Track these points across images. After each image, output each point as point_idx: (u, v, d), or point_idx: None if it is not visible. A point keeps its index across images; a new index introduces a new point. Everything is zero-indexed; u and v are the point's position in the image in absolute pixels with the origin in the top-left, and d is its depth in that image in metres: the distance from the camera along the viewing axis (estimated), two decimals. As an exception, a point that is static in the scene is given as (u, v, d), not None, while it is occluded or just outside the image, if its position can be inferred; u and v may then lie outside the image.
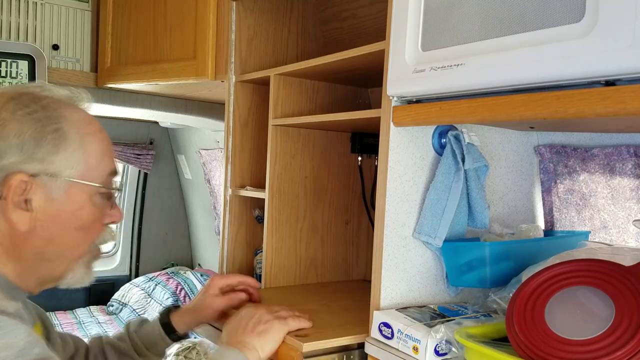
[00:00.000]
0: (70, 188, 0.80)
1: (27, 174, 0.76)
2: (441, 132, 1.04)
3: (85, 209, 0.82)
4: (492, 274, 0.99)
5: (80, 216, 0.82)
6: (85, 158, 0.81)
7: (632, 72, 0.64)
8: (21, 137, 0.76)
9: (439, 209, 1.00)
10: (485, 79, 0.79)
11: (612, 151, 1.08)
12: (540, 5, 0.72)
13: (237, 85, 1.53)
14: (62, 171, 0.79)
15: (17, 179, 0.76)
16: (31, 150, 0.76)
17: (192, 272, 3.35)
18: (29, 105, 0.78)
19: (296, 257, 1.46)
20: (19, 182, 0.76)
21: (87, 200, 0.82)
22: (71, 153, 0.79)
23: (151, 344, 1.10)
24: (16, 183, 0.76)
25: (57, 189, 0.79)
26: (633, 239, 1.10)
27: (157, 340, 1.10)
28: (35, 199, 0.77)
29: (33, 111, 0.78)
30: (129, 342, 1.11)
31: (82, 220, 0.82)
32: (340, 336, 1.01)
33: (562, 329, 0.73)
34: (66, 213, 0.81)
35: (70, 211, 0.81)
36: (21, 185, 0.76)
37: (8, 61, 1.77)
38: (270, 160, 1.40)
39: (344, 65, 1.24)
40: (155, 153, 3.33)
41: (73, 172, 0.80)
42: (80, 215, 0.82)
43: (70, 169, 0.79)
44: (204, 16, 1.58)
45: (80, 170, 0.80)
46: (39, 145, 0.77)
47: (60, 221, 0.80)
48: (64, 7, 1.91)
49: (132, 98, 2.06)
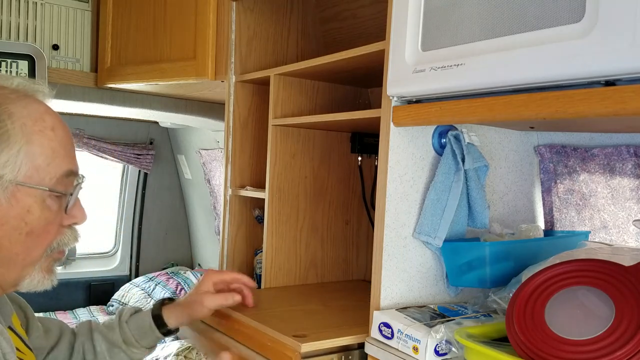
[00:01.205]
0: (16, 192, 0.73)
1: None
2: (441, 132, 1.04)
3: (34, 213, 0.75)
4: (492, 274, 0.99)
5: (29, 221, 0.75)
6: (31, 159, 0.74)
7: (632, 72, 0.64)
8: None
9: (439, 209, 1.00)
10: (485, 79, 0.79)
11: (612, 151, 1.08)
12: (540, 5, 0.72)
13: (237, 85, 1.53)
14: (5, 174, 0.72)
15: None
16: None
17: (192, 272, 3.35)
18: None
19: (296, 257, 1.46)
20: None
21: (35, 203, 0.75)
22: (15, 154, 0.72)
23: (141, 335, 1.07)
24: None
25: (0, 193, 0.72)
26: (633, 239, 1.10)
27: (147, 332, 1.08)
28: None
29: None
30: (118, 331, 1.07)
31: (30, 225, 0.76)
32: (340, 336, 1.01)
33: (562, 329, 0.73)
34: (11, 218, 0.74)
35: (17, 216, 0.74)
36: None
37: (8, 61, 1.77)
38: (270, 160, 1.40)
39: (344, 65, 1.24)
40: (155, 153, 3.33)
41: (18, 175, 0.73)
42: (28, 220, 0.75)
43: (14, 172, 0.72)
44: (204, 16, 1.58)
45: (26, 172, 0.73)
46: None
47: (5, 226, 0.74)
48: (64, 7, 1.91)
49: (132, 98, 2.06)
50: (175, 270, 3.44)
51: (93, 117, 2.88)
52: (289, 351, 0.97)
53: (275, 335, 1.01)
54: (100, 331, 1.08)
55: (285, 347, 0.98)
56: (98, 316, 3.25)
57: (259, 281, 1.46)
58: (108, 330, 1.08)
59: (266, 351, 1.03)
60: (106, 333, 1.07)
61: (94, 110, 2.20)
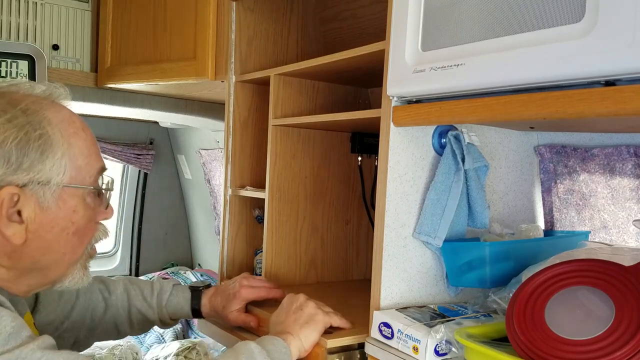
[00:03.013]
0: (62, 194, 0.77)
1: (17, 186, 0.73)
2: (441, 132, 1.04)
3: (79, 212, 0.80)
4: (492, 274, 0.99)
5: (75, 220, 0.80)
6: (73, 161, 0.78)
7: (632, 72, 0.64)
8: (4, 147, 0.71)
9: (439, 209, 1.00)
10: (485, 79, 0.79)
11: (612, 151, 1.08)
12: (540, 5, 0.72)
13: (237, 85, 1.53)
14: (52, 178, 0.75)
15: (6, 192, 0.72)
16: (18, 160, 0.72)
17: (192, 272, 3.35)
18: (6, 111, 0.73)
19: (296, 257, 1.46)
20: (9, 195, 0.73)
21: (79, 202, 0.80)
22: (59, 158, 0.76)
23: (175, 317, 1.15)
24: (6, 197, 0.72)
25: (49, 197, 0.76)
26: (633, 239, 1.10)
27: (181, 317, 1.16)
28: (27, 210, 0.75)
29: (13, 117, 0.73)
30: (157, 313, 1.13)
31: (77, 224, 0.80)
32: (340, 336, 1.01)
33: (562, 329, 0.73)
34: (60, 220, 0.78)
35: (65, 217, 0.78)
36: (12, 198, 0.73)
37: (8, 61, 1.77)
38: (270, 160, 1.40)
39: (344, 65, 1.24)
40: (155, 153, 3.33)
41: (63, 177, 0.77)
42: (74, 220, 0.80)
43: (60, 175, 0.76)
44: (204, 16, 1.58)
45: (70, 173, 0.77)
46: (25, 153, 0.73)
47: (55, 229, 0.78)
48: (64, 7, 1.91)
49: (132, 98, 2.06)
50: (175, 270, 3.44)
51: (93, 117, 2.87)
52: (317, 347, 0.99)
53: None
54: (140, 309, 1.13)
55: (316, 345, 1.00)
56: (98, 316, 3.25)
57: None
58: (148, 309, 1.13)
59: None
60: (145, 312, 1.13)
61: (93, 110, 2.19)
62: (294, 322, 0.97)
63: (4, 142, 0.71)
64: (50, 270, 0.81)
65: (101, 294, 1.10)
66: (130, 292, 1.13)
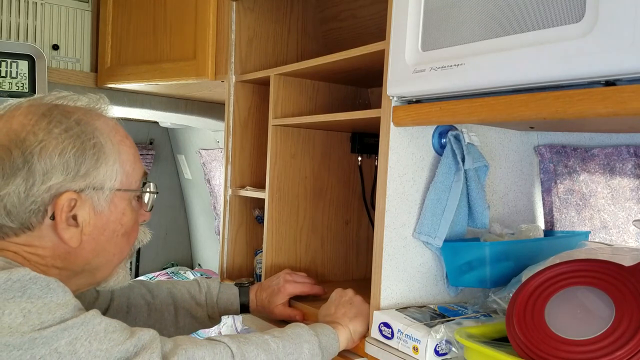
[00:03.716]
0: (113, 198, 0.82)
1: (75, 191, 0.78)
2: (441, 132, 1.04)
3: (127, 214, 0.85)
4: (492, 274, 0.99)
5: (124, 222, 0.85)
6: (123, 167, 0.83)
7: (632, 72, 0.64)
8: (64, 156, 0.76)
9: (439, 209, 1.00)
10: (485, 79, 0.79)
11: (612, 151, 1.08)
12: (540, 5, 0.72)
13: (237, 85, 1.53)
14: (106, 183, 0.81)
15: (66, 198, 0.77)
16: (75, 168, 0.77)
17: (192, 272, 3.35)
18: (62, 122, 0.78)
19: (296, 257, 1.46)
20: (68, 201, 0.77)
21: (127, 206, 0.85)
22: (111, 165, 0.81)
23: (226, 313, 1.21)
24: (65, 202, 0.77)
25: (103, 201, 0.81)
26: (633, 239, 1.10)
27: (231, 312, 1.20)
28: (82, 214, 0.79)
29: (69, 127, 0.78)
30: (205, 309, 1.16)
31: (125, 227, 0.85)
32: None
33: (562, 329, 0.73)
34: (112, 223, 0.83)
35: (115, 220, 0.84)
36: (70, 203, 0.77)
37: (8, 61, 1.77)
38: (270, 160, 1.40)
39: (344, 65, 1.24)
40: (155, 153, 3.33)
41: (115, 183, 0.82)
42: (124, 222, 0.85)
43: (112, 180, 0.81)
44: (204, 16, 1.58)
45: (120, 179, 0.83)
46: (82, 162, 0.78)
47: (107, 231, 0.83)
48: (64, 7, 1.91)
49: (132, 98, 2.06)
50: (175, 270, 3.44)
51: (93, 117, 2.87)
52: None
53: None
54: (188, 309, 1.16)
55: None
56: (98, 316, 3.25)
57: (259, 281, 1.46)
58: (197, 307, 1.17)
59: None
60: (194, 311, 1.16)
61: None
62: (344, 315, 1.02)
63: (64, 152, 0.76)
64: (99, 271, 0.86)
65: (143, 298, 1.13)
66: (175, 294, 1.16)
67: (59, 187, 0.76)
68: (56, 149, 0.76)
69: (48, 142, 0.76)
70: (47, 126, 0.77)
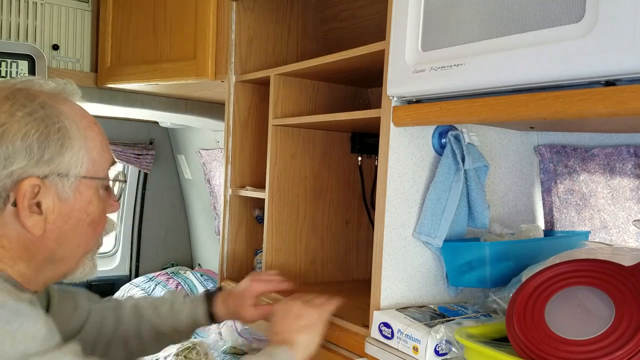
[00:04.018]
0: (79, 185, 0.79)
1: (38, 177, 0.75)
2: (441, 132, 1.04)
3: (93, 203, 0.82)
4: (492, 274, 0.99)
5: (90, 212, 0.82)
6: (89, 153, 0.80)
7: (632, 72, 0.64)
8: (27, 140, 0.73)
9: (439, 209, 1.00)
10: (485, 79, 0.79)
11: (612, 151, 1.08)
12: (540, 5, 0.72)
13: (237, 85, 1.53)
14: (71, 170, 0.77)
15: (28, 184, 0.74)
16: (39, 152, 0.74)
17: (192, 272, 3.35)
18: (26, 105, 0.75)
19: (296, 257, 1.46)
20: (31, 187, 0.74)
21: (94, 194, 0.82)
22: (77, 151, 0.78)
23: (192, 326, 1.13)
24: (28, 188, 0.74)
25: (67, 188, 0.78)
26: (633, 239, 1.10)
27: (198, 324, 1.13)
28: (46, 201, 0.76)
29: (33, 111, 0.75)
30: (170, 322, 1.11)
31: (91, 216, 0.82)
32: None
33: (562, 329, 0.73)
34: (77, 211, 0.80)
35: (81, 208, 0.80)
36: (33, 189, 0.75)
37: (8, 61, 1.77)
38: (270, 160, 1.40)
39: (344, 65, 1.24)
40: (155, 153, 3.33)
41: (80, 170, 0.79)
42: (90, 211, 0.82)
43: (78, 167, 0.78)
44: (204, 16, 1.58)
45: (87, 166, 0.80)
46: (46, 146, 0.75)
47: (72, 220, 0.80)
48: (64, 7, 1.91)
49: (132, 98, 2.06)
50: (175, 270, 3.44)
51: (93, 117, 2.87)
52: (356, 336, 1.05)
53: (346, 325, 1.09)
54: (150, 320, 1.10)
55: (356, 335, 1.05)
56: (98, 316, 3.25)
57: (259, 281, 1.46)
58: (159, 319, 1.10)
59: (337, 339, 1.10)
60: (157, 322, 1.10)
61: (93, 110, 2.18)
62: (295, 332, 0.97)
63: (26, 135, 0.73)
64: (64, 261, 0.83)
65: (113, 311, 1.09)
66: (140, 305, 1.12)
67: (22, 172, 0.73)
68: (19, 132, 0.73)
69: (10, 126, 0.73)
70: (10, 109, 0.74)
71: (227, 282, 1.54)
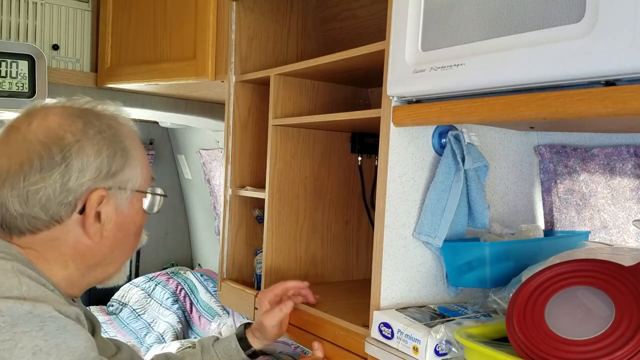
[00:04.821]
0: (132, 198, 0.88)
1: (104, 189, 0.83)
2: (441, 132, 1.04)
3: (140, 214, 0.91)
4: (492, 274, 0.99)
5: (137, 222, 0.91)
6: (141, 169, 0.89)
7: (632, 72, 0.64)
8: (99, 156, 0.82)
9: (439, 209, 1.00)
10: (485, 79, 0.79)
11: (612, 151, 1.08)
12: (540, 5, 0.72)
13: (237, 85, 1.53)
14: (129, 184, 0.86)
15: (97, 195, 0.82)
16: (107, 167, 0.83)
17: (192, 272, 3.35)
18: (95, 125, 0.84)
19: (296, 257, 1.46)
20: (98, 198, 0.82)
21: (141, 206, 0.91)
22: (134, 167, 0.87)
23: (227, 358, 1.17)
24: (96, 198, 0.82)
25: (124, 200, 0.86)
26: (633, 239, 1.10)
27: (233, 355, 1.17)
28: (105, 211, 0.84)
29: (102, 130, 0.84)
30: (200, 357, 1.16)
31: (137, 225, 0.91)
32: (340, 336, 1.01)
33: (562, 329, 0.73)
34: (129, 222, 0.89)
35: (131, 219, 0.89)
36: (100, 200, 0.82)
37: (8, 61, 1.77)
38: (270, 160, 1.40)
39: (344, 65, 1.24)
40: (155, 153, 3.33)
41: (135, 184, 0.88)
42: (137, 221, 0.91)
43: (134, 181, 0.87)
44: (204, 16, 1.58)
45: (139, 181, 0.89)
46: (112, 162, 0.84)
47: (123, 229, 0.88)
48: (64, 7, 1.91)
49: (132, 98, 2.06)
50: (175, 270, 3.44)
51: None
52: (357, 336, 1.05)
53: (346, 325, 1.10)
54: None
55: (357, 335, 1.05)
56: (98, 316, 3.25)
57: (259, 281, 1.46)
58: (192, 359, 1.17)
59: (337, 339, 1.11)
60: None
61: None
62: None
63: (99, 153, 0.82)
64: (109, 267, 0.90)
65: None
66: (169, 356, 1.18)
67: (92, 184, 0.82)
68: (92, 149, 0.82)
69: (85, 142, 0.81)
70: (83, 127, 0.83)
71: (227, 282, 1.54)
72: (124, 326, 3.11)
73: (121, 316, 3.25)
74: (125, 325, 3.12)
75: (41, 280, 0.77)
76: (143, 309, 3.20)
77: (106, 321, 3.19)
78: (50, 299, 0.74)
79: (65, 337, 0.70)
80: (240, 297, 1.46)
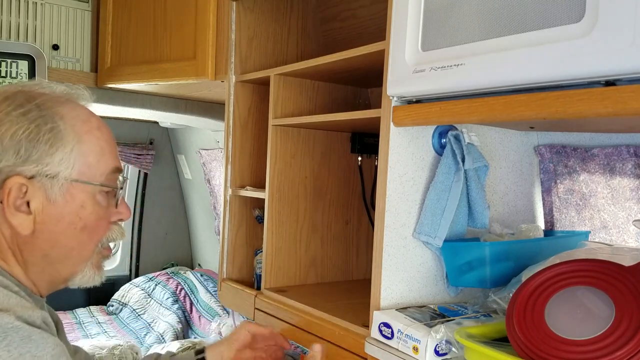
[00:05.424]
0: (70, 188, 0.79)
1: (25, 177, 0.75)
2: (441, 132, 1.04)
3: (87, 208, 0.81)
4: (492, 274, 0.99)
5: (83, 216, 0.81)
6: (83, 157, 0.80)
7: (632, 72, 0.64)
8: (16, 138, 0.74)
9: (439, 209, 1.00)
10: (485, 79, 0.79)
11: (612, 151, 1.08)
12: (540, 5, 0.72)
13: (237, 85, 1.53)
14: (61, 172, 0.78)
15: (14, 182, 0.75)
16: (27, 151, 0.75)
17: (192, 272, 3.35)
18: (23, 105, 0.76)
19: (296, 257, 1.46)
20: (17, 185, 0.75)
21: (88, 199, 0.81)
22: (68, 152, 0.78)
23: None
24: (14, 186, 0.75)
25: (57, 190, 0.78)
26: (633, 239, 1.10)
27: None
28: (35, 202, 0.77)
29: (27, 111, 0.76)
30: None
31: (84, 220, 0.81)
32: (340, 336, 1.01)
33: (562, 329, 0.73)
34: (68, 214, 0.80)
35: (72, 212, 0.80)
36: (20, 188, 0.76)
37: (8, 61, 1.77)
38: (270, 160, 1.40)
39: (344, 65, 1.24)
40: (155, 153, 3.33)
41: (72, 172, 0.79)
42: (82, 215, 0.81)
43: (69, 169, 0.78)
44: (204, 16, 1.58)
45: (79, 169, 0.79)
46: (35, 146, 0.75)
47: (62, 222, 0.80)
48: (64, 7, 1.91)
49: (132, 98, 2.06)
50: (175, 270, 3.44)
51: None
52: (357, 336, 1.05)
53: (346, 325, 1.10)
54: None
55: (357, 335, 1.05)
56: (98, 316, 3.25)
57: (259, 281, 1.46)
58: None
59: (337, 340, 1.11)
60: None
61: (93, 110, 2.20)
62: None
63: (15, 134, 0.74)
64: (60, 265, 0.83)
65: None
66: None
67: (9, 170, 0.75)
68: (8, 130, 0.74)
69: (3, 123, 0.74)
70: (6, 108, 0.76)
71: (227, 282, 1.54)
72: (124, 326, 3.11)
73: (121, 316, 3.26)
74: (125, 325, 3.12)
75: (4, 281, 0.74)
76: (143, 309, 3.20)
77: (106, 321, 3.19)
78: (12, 304, 0.71)
79: (30, 346, 0.66)
80: (240, 297, 1.46)
